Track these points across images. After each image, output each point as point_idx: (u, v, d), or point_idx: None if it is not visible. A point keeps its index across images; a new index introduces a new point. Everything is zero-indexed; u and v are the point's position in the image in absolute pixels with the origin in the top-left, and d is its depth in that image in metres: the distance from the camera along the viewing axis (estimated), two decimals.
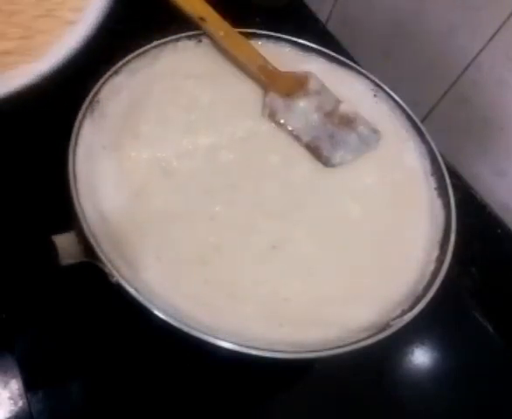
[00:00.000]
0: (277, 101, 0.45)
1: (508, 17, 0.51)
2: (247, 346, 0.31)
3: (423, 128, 0.46)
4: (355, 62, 0.51)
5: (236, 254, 0.37)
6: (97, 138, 0.40)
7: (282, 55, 0.50)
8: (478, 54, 0.56)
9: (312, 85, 0.46)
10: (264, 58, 0.48)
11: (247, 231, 0.38)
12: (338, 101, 0.46)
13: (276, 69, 0.48)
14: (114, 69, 0.43)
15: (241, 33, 0.49)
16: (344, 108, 0.46)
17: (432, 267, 0.38)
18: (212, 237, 0.37)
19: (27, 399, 0.37)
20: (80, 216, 0.34)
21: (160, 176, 0.39)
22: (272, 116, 0.45)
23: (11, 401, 0.37)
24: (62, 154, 0.37)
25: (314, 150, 0.43)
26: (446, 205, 0.41)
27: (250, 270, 0.36)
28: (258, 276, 0.36)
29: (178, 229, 0.37)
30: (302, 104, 0.45)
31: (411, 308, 0.35)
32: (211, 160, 0.41)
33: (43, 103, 0.44)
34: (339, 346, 0.32)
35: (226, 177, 0.41)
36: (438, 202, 0.42)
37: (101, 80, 0.42)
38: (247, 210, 0.39)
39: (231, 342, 0.31)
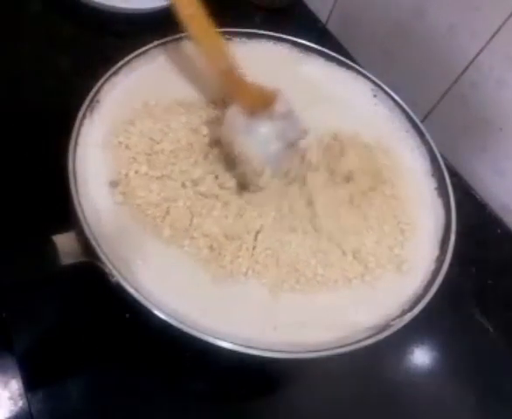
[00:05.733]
0: (238, 119, 0.40)
1: (508, 17, 0.51)
2: (247, 346, 0.31)
3: (423, 128, 0.46)
4: (355, 62, 0.51)
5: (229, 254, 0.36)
6: (94, 136, 0.40)
7: (282, 55, 0.50)
8: (478, 54, 0.56)
9: (279, 107, 0.41)
10: (233, 64, 0.42)
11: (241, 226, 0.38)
12: (303, 132, 0.42)
13: (243, 78, 0.42)
14: (113, 69, 0.43)
15: (242, 33, 0.49)
16: (305, 145, 0.42)
17: (432, 267, 0.38)
18: (202, 239, 0.36)
19: (27, 399, 0.37)
20: (80, 216, 0.34)
21: (148, 175, 0.39)
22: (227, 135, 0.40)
23: (11, 401, 0.37)
24: (62, 154, 0.37)
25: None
26: (446, 205, 0.41)
27: (252, 263, 0.36)
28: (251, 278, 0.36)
29: (165, 228, 0.36)
30: (264, 130, 0.40)
31: (412, 308, 0.35)
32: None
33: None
34: (339, 346, 0.32)
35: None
36: (438, 202, 0.42)
37: (101, 80, 0.42)
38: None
39: (231, 342, 0.31)
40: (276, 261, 0.36)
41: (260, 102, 0.41)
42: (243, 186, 0.40)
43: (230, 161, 0.40)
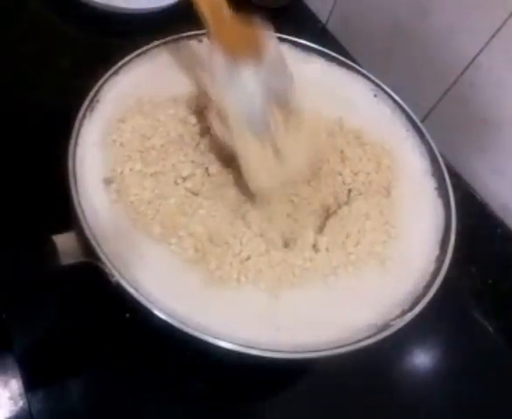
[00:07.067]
0: (220, 62, 0.36)
1: (508, 17, 0.51)
2: (247, 346, 0.31)
3: (423, 128, 0.46)
4: (355, 62, 0.51)
5: (227, 252, 0.36)
6: (93, 136, 0.40)
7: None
8: (477, 54, 0.56)
9: (268, 53, 0.37)
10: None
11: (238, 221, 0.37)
12: (291, 82, 0.39)
13: (232, 15, 0.38)
14: (114, 69, 0.43)
15: None
16: (291, 98, 0.38)
17: (432, 267, 0.38)
18: (188, 239, 0.36)
19: (27, 399, 0.37)
20: (80, 216, 0.34)
21: (142, 172, 0.38)
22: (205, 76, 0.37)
23: (11, 401, 0.37)
24: (62, 154, 0.37)
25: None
26: (446, 205, 0.41)
27: (243, 269, 0.36)
28: (252, 277, 0.35)
29: (155, 226, 0.36)
30: (247, 77, 0.36)
31: (412, 308, 0.35)
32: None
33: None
34: (339, 346, 0.32)
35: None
36: (438, 202, 0.42)
37: (101, 80, 0.42)
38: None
39: (231, 342, 0.31)
40: (268, 262, 0.36)
41: (248, 44, 0.37)
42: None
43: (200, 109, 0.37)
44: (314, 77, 0.49)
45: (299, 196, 0.40)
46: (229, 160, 0.40)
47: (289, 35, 0.51)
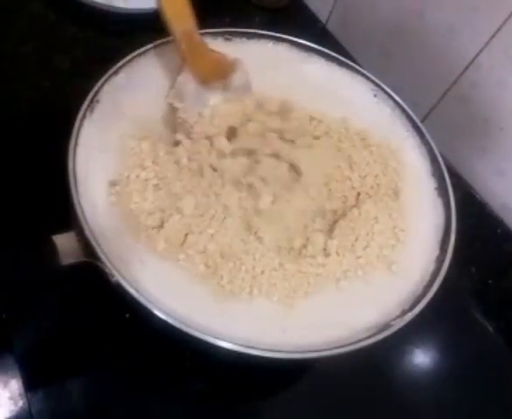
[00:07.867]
0: (189, 86, 0.40)
1: (508, 17, 0.51)
2: (247, 346, 0.31)
3: (423, 128, 0.46)
4: (355, 62, 0.51)
5: (232, 256, 0.36)
6: (94, 136, 0.40)
7: (282, 55, 0.50)
8: (478, 54, 0.56)
9: (235, 79, 0.40)
10: (195, 26, 0.41)
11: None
12: (258, 108, 0.41)
13: (203, 43, 0.41)
14: (114, 69, 0.43)
15: (242, 33, 0.49)
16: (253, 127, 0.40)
17: (432, 267, 0.38)
18: (198, 256, 0.35)
19: (27, 399, 0.37)
20: (80, 216, 0.34)
21: (148, 181, 0.38)
22: (175, 100, 0.40)
23: (11, 401, 0.37)
24: (62, 154, 0.37)
25: None
26: (446, 205, 0.41)
27: (255, 283, 0.35)
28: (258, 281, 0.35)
29: (159, 242, 0.35)
30: (214, 101, 0.39)
31: (412, 308, 0.35)
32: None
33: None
34: (339, 346, 0.32)
35: None
36: (438, 202, 0.42)
37: (101, 80, 0.42)
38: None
39: (232, 342, 0.31)
40: (283, 275, 0.36)
41: (217, 71, 0.40)
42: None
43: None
44: (313, 77, 0.49)
45: (310, 202, 0.40)
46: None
47: (289, 35, 0.51)
